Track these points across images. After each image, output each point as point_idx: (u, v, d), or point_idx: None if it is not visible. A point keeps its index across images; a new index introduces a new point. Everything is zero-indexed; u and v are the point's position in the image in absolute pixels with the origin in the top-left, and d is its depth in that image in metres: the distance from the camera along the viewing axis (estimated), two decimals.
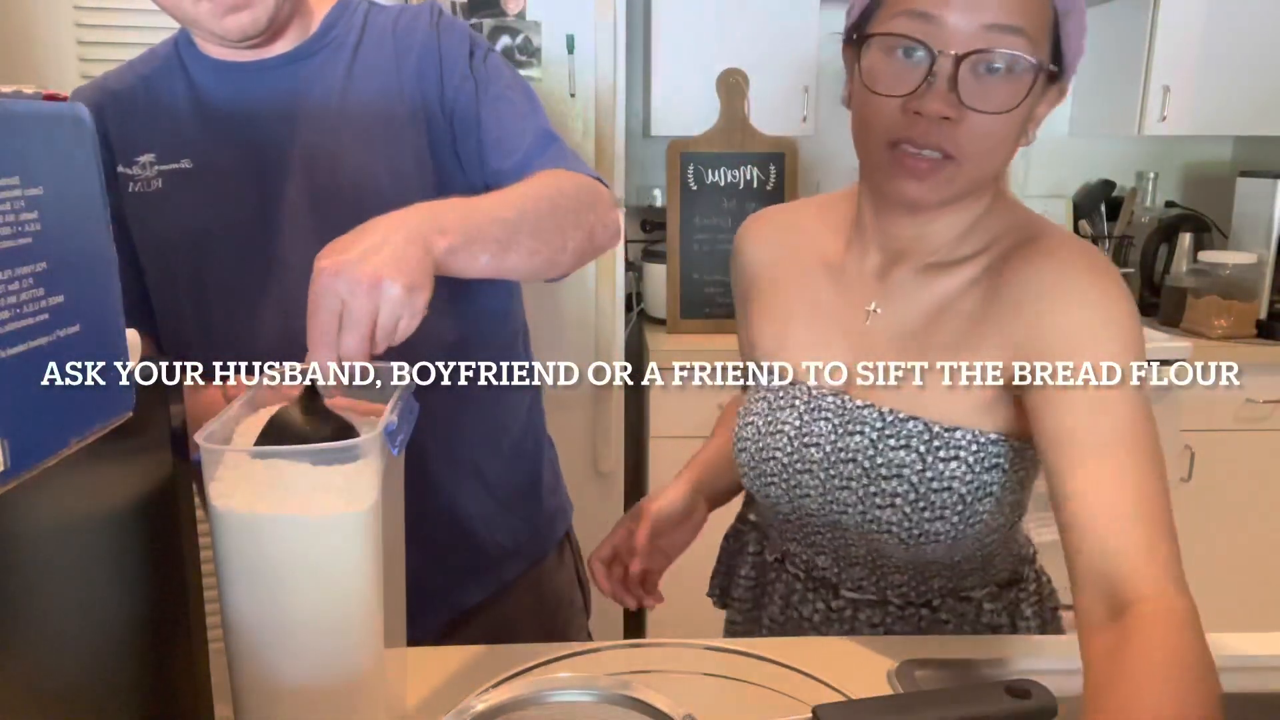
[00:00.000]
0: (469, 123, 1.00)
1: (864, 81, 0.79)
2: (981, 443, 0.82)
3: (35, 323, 0.42)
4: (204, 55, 1.00)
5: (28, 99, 0.43)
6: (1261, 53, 2.46)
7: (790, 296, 0.94)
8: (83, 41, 1.70)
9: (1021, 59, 0.74)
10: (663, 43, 2.44)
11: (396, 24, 1.03)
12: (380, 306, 0.65)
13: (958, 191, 0.80)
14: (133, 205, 0.98)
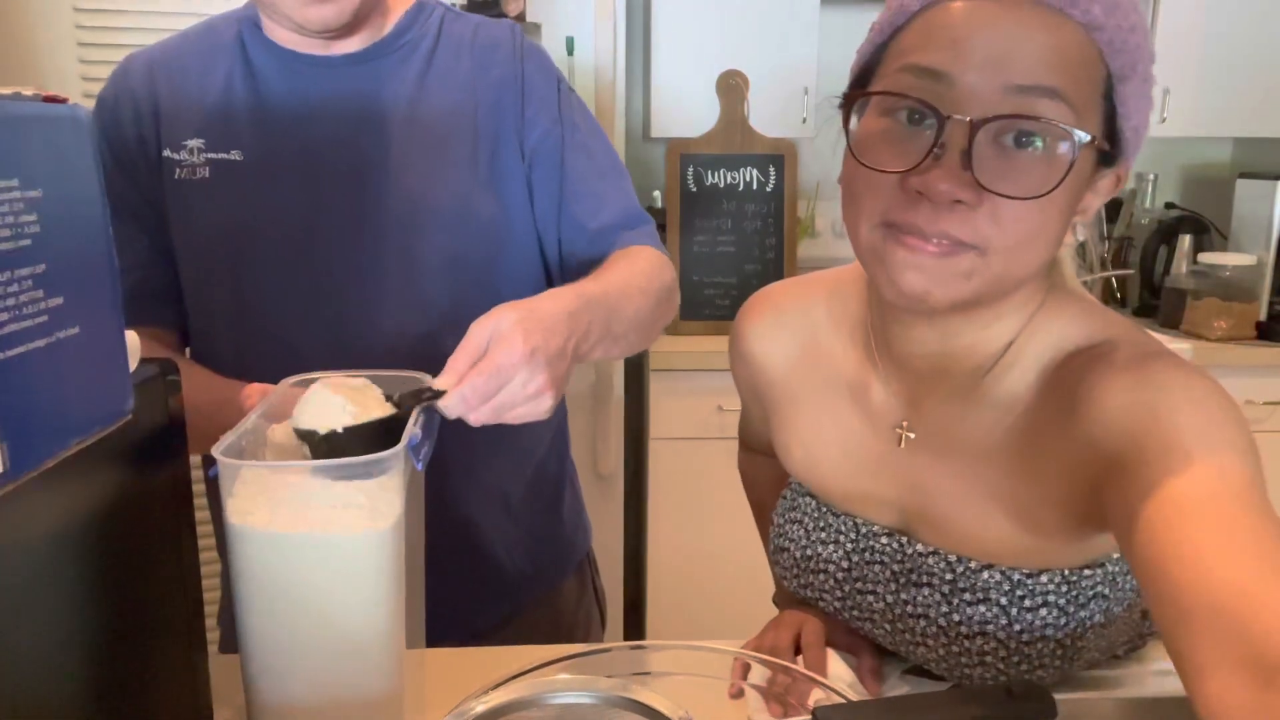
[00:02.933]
0: (552, 167, 0.98)
1: (854, 151, 0.64)
2: (1073, 581, 0.69)
3: (34, 325, 0.42)
4: (269, 41, 0.95)
5: (27, 100, 0.43)
6: (1261, 54, 2.46)
7: (816, 416, 0.81)
8: (83, 43, 1.70)
9: (1059, 129, 0.57)
10: (662, 44, 2.44)
11: (476, 38, 0.99)
12: (522, 408, 0.70)
13: (976, 293, 0.62)
14: (175, 192, 0.94)
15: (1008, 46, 0.57)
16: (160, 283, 0.97)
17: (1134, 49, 0.60)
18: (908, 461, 0.74)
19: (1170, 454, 0.57)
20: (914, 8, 0.62)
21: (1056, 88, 0.57)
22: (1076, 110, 0.58)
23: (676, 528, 2.33)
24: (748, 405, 0.97)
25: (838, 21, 2.60)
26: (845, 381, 0.79)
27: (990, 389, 0.70)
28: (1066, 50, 0.58)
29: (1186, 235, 2.46)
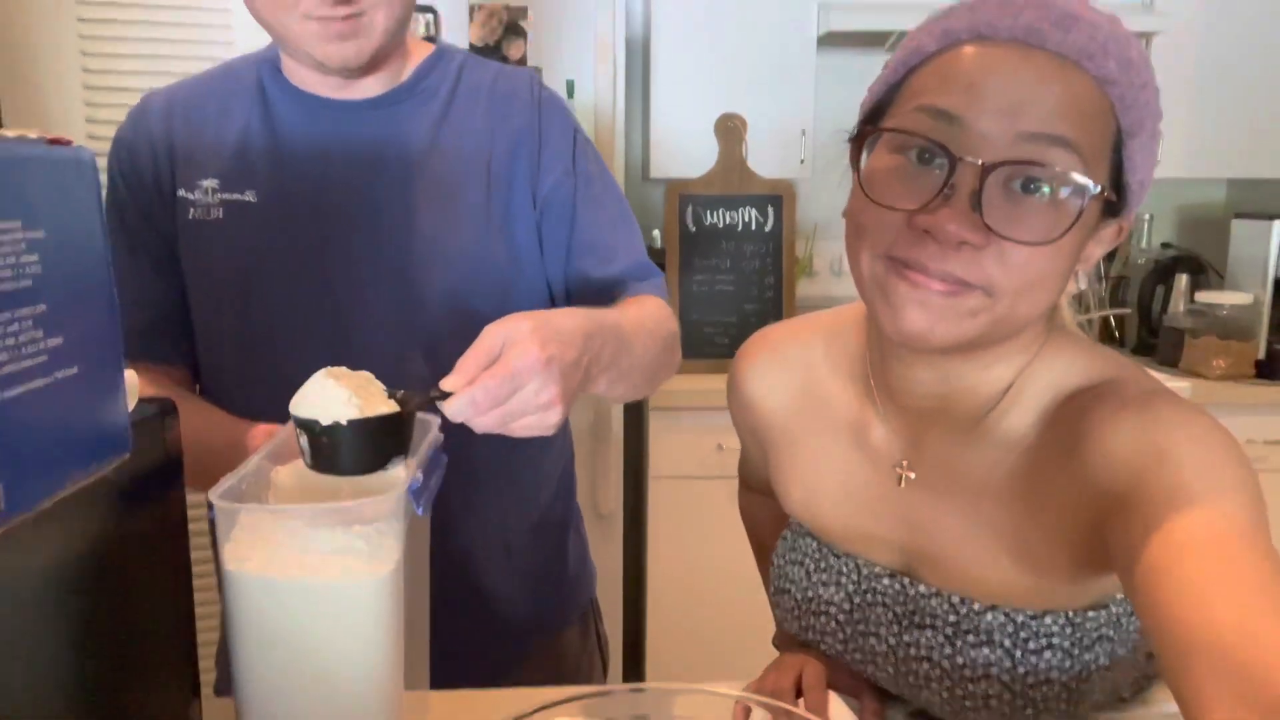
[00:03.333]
0: (563, 216, 0.98)
1: (863, 186, 0.63)
2: (1077, 623, 0.68)
3: (34, 364, 0.42)
4: (288, 83, 0.96)
5: (32, 144, 0.43)
6: (1252, 96, 2.49)
7: (816, 456, 0.81)
8: (89, 86, 1.72)
9: (1069, 178, 0.58)
10: (662, 87, 2.47)
11: (494, 86, 0.99)
12: (530, 418, 0.67)
13: (980, 332, 0.62)
14: (188, 232, 0.95)
15: (1022, 94, 0.58)
16: (172, 319, 0.97)
17: (1144, 106, 0.61)
18: (908, 501, 0.74)
19: (1173, 493, 0.57)
20: (929, 49, 0.63)
21: (1068, 138, 0.58)
22: (1086, 161, 0.59)
23: (676, 567, 2.31)
24: (747, 446, 0.96)
25: (834, 65, 2.64)
26: (844, 421, 0.79)
27: (991, 428, 0.69)
28: (1080, 102, 0.59)
29: (1183, 274, 2.48)
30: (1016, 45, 0.59)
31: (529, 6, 2.08)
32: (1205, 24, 2.47)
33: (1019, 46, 0.59)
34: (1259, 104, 2.50)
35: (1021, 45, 0.59)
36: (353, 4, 0.85)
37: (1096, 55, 0.59)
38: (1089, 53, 0.59)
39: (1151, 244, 2.71)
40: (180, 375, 0.99)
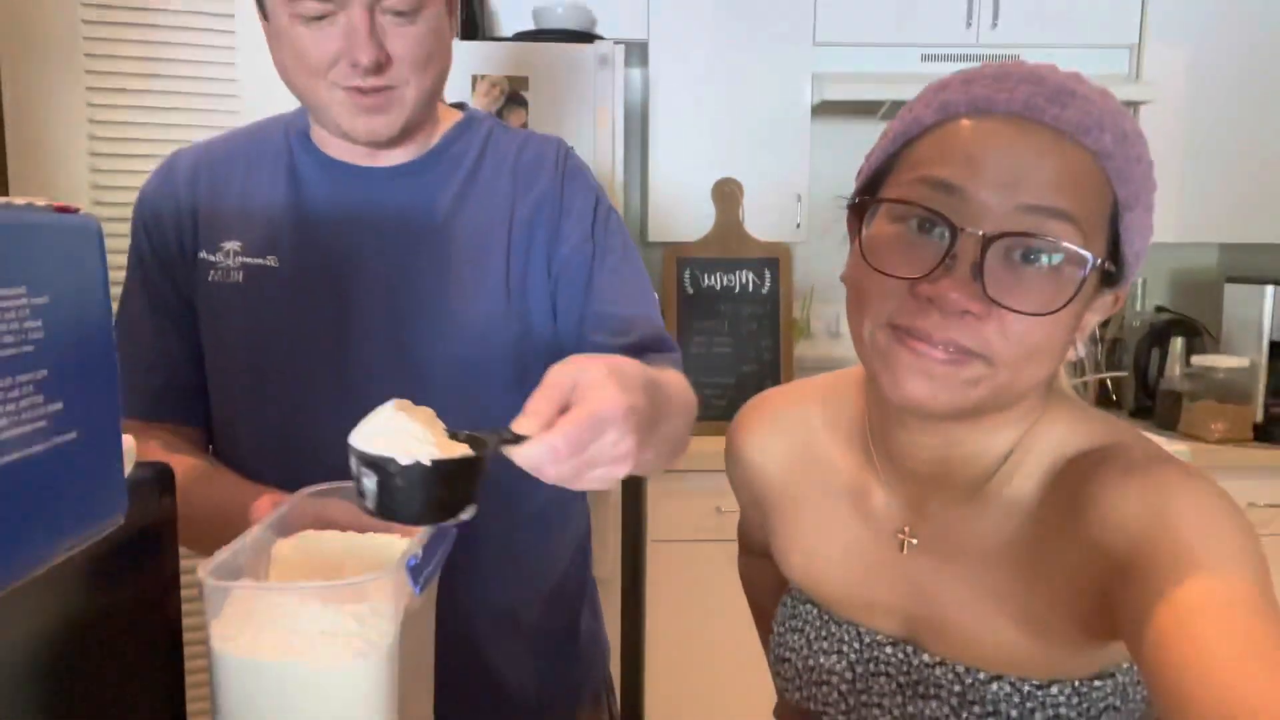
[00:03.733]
0: (578, 285, 0.95)
1: (864, 254, 0.63)
2: (1084, 693, 0.67)
3: (33, 430, 0.42)
4: (315, 149, 0.95)
5: (40, 211, 0.44)
6: (1241, 163, 2.54)
7: (816, 521, 0.80)
8: (95, 153, 1.74)
9: (1069, 249, 0.58)
10: (660, 152, 2.51)
11: (520, 154, 0.98)
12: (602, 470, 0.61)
13: (981, 400, 0.62)
14: (207, 294, 0.94)
15: (1021, 167, 0.59)
16: (189, 380, 0.96)
17: (1139, 179, 0.62)
18: (910, 567, 0.73)
19: (1179, 561, 0.57)
20: (927, 121, 0.64)
21: (1067, 210, 0.59)
22: (1085, 233, 0.59)
23: (676, 632, 2.28)
24: (745, 510, 0.95)
25: (828, 132, 2.69)
26: (844, 486, 0.78)
27: (993, 494, 0.69)
28: (1077, 175, 0.60)
29: (1178, 338, 2.49)
30: (1014, 119, 0.60)
31: (529, 76, 2.13)
32: (1191, 94, 2.53)
33: (1016, 120, 0.60)
34: (1247, 170, 2.54)
35: (1019, 119, 0.60)
36: (383, 75, 0.85)
37: (1092, 130, 0.60)
38: (1085, 127, 0.60)
39: (1146, 307, 2.73)
40: (194, 435, 0.98)
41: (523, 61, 2.14)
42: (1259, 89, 2.53)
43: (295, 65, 0.85)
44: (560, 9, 2.34)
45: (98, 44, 1.72)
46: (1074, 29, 2.52)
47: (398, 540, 0.66)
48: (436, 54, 0.89)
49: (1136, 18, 2.52)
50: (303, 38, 0.83)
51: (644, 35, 2.48)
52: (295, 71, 0.86)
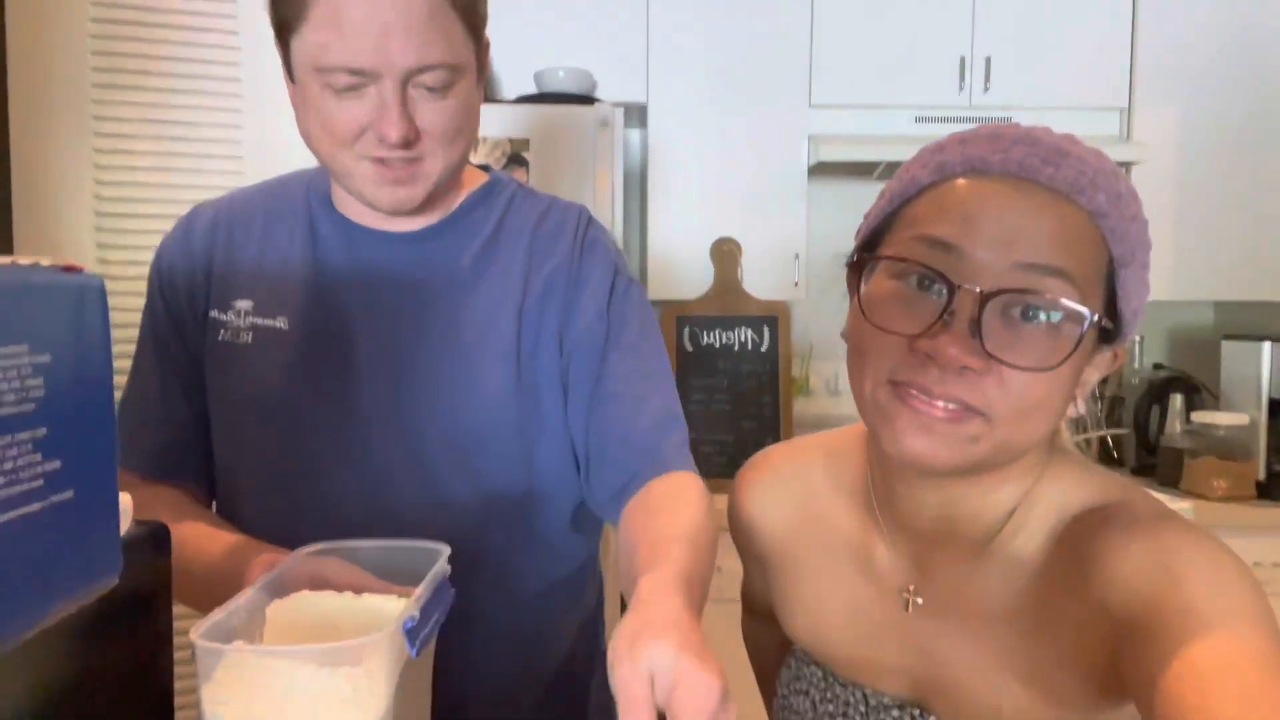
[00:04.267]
0: (591, 360, 0.93)
1: (863, 310, 0.64)
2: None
3: (30, 489, 0.41)
4: (335, 210, 0.94)
5: (44, 271, 0.44)
6: (1234, 220, 2.57)
7: (819, 581, 0.79)
8: (101, 213, 1.76)
9: (1066, 306, 0.59)
10: (659, 212, 2.55)
11: (541, 222, 0.97)
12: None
13: (982, 457, 0.62)
14: (215, 354, 0.93)
15: (1018, 225, 0.60)
16: (192, 438, 0.95)
17: (1134, 238, 0.63)
18: (916, 628, 0.72)
19: (1187, 619, 0.56)
20: (924, 181, 0.65)
21: (1063, 268, 0.59)
22: (1081, 290, 0.60)
23: None
24: (749, 569, 0.94)
25: (825, 192, 2.73)
26: (847, 544, 0.78)
27: (998, 552, 0.69)
28: (1073, 233, 0.60)
29: (1177, 394, 2.49)
30: (1009, 179, 0.61)
31: (531, 138, 2.17)
32: (1181, 154, 2.57)
33: (1011, 180, 0.61)
34: (1240, 229, 2.57)
35: (1014, 179, 0.61)
36: (411, 149, 0.83)
37: (1086, 189, 0.61)
38: (1079, 187, 0.61)
39: (1144, 364, 2.74)
40: (197, 493, 0.97)
41: (524, 123, 2.18)
42: (1248, 149, 2.57)
43: (322, 134, 0.84)
44: (561, 73, 2.39)
45: (106, 106, 1.75)
46: (1064, 91, 2.57)
47: (394, 601, 0.65)
48: (465, 127, 0.87)
49: (1126, 81, 2.57)
50: (332, 108, 0.82)
51: (643, 98, 2.53)
52: (321, 140, 0.85)
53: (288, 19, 0.81)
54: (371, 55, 0.78)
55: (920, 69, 2.54)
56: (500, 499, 0.92)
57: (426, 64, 0.80)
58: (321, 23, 0.78)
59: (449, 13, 0.81)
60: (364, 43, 0.78)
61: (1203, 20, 2.55)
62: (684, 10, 2.51)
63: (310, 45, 0.80)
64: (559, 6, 2.50)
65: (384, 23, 0.78)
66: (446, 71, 0.81)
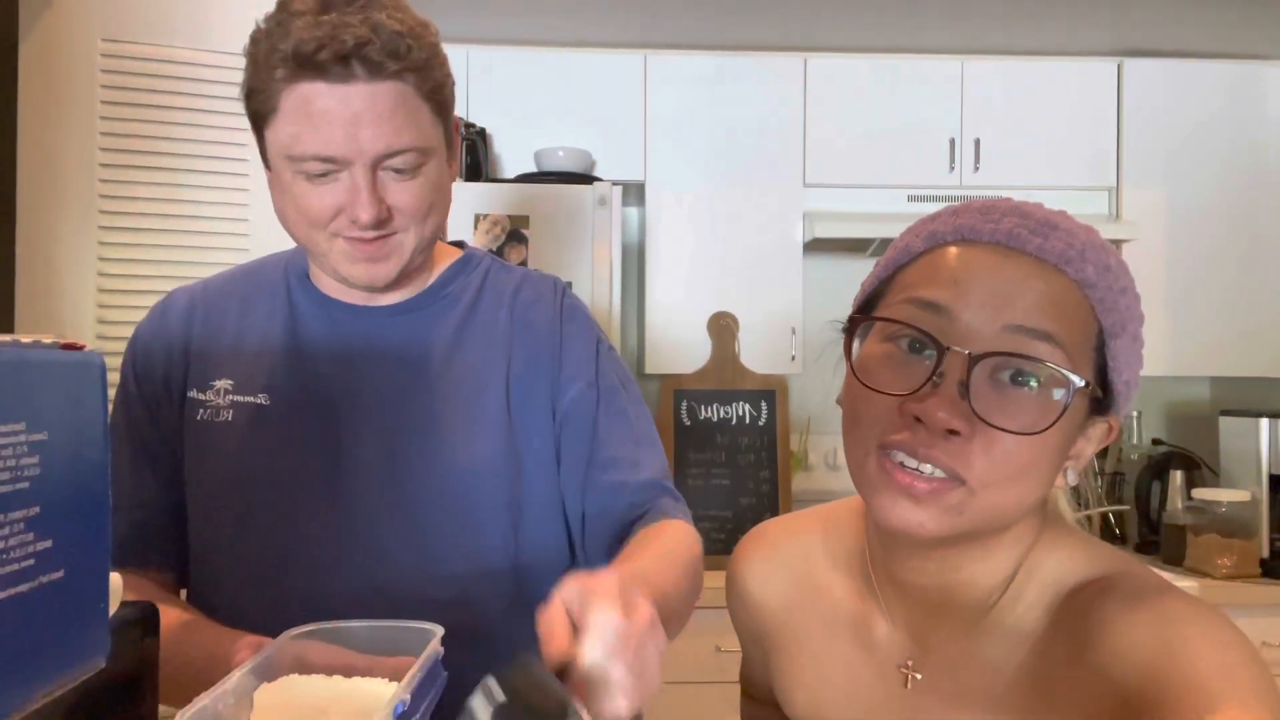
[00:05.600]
0: (584, 429, 0.94)
1: (856, 372, 0.65)
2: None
3: (20, 569, 0.41)
4: (313, 287, 0.96)
5: (45, 349, 0.44)
6: (1227, 297, 2.60)
7: (818, 657, 0.78)
8: (104, 289, 1.78)
9: (1055, 371, 0.60)
10: (656, 287, 2.57)
11: (518, 294, 0.98)
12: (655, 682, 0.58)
13: (969, 526, 0.63)
14: (194, 433, 0.92)
15: (1008, 290, 0.61)
16: (164, 522, 0.94)
17: (1124, 310, 0.64)
18: (916, 704, 0.71)
19: (1191, 693, 0.55)
20: (917, 249, 0.67)
21: (1052, 333, 0.60)
22: (1071, 356, 0.60)
23: None
24: (747, 648, 0.92)
25: (821, 268, 2.77)
26: (846, 617, 0.77)
27: (996, 624, 0.68)
28: (1062, 301, 0.61)
29: (1177, 471, 2.48)
30: (999, 248, 0.63)
31: (530, 215, 2.20)
32: (1170, 233, 2.61)
33: (1001, 249, 0.63)
34: (1233, 306, 2.60)
35: (1003, 248, 0.63)
36: (383, 228, 0.86)
37: (1075, 260, 0.62)
38: (1067, 258, 0.62)
39: (1143, 440, 2.74)
40: (165, 580, 0.95)
41: (524, 201, 2.22)
42: (1237, 227, 2.62)
43: (297, 217, 0.86)
44: (561, 152, 2.44)
45: (112, 184, 1.78)
46: (1053, 172, 2.62)
47: (385, 685, 0.63)
48: (437, 204, 0.90)
49: (1113, 161, 2.63)
50: (305, 193, 0.84)
51: (641, 176, 2.58)
52: (297, 222, 0.87)
53: (262, 111, 0.84)
54: (342, 144, 0.81)
55: (911, 150, 2.60)
56: (491, 567, 0.91)
57: (395, 149, 0.83)
58: (293, 114, 0.81)
59: (416, 99, 0.84)
60: (335, 132, 0.81)
61: (1187, 101, 2.62)
62: (681, 91, 2.58)
63: (283, 136, 0.83)
64: (559, 87, 2.57)
65: (353, 113, 0.81)
66: (415, 154, 0.85)
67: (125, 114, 1.79)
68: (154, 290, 1.05)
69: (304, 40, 0.79)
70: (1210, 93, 2.62)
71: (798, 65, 2.60)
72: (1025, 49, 2.67)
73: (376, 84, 0.81)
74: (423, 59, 0.84)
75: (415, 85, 0.84)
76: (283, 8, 0.82)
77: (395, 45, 0.81)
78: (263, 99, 0.83)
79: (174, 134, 1.79)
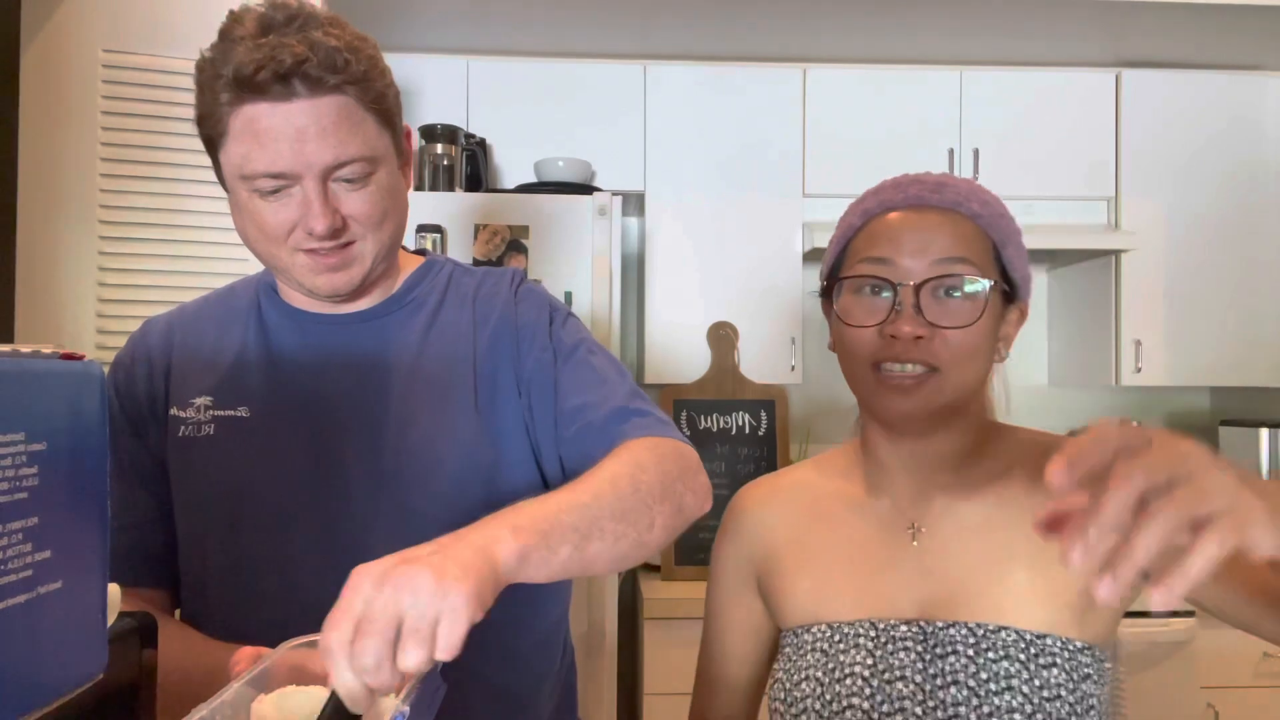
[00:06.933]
0: (546, 390, 0.96)
1: (840, 318, 0.88)
2: (1072, 650, 0.80)
3: (18, 579, 0.41)
4: (282, 301, 0.99)
5: (45, 359, 0.44)
6: (1225, 307, 2.60)
7: (824, 546, 0.92)
8: (103, 299, 1.78)
9: (970, 280, 0.83)
10: (656, 298, 2.57)
11: (479, 290, 1.01)
12: (441, 615, 0.56)
13: (946, 401, 0.84)
14: (178, 449, 0.94)
15: (927, 236, 0.85)
16: (155, 542, 0.95)
17: (1005, 228, 0.88)
18: (922, 552, 0.87)
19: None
20: (857, 224, 0.91)
21: (964, 256, 0.84)
22: (980, 268, 0.84)
23: None
24: (731, 597, 0.99)
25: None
26: (850, 504, 0.93)
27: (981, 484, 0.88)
28: (963, 233, 0.85)
29: None
30: (912, 209, 0.87)
31: (530, 225, 2.20)
32: (1169, 243, 2.62)
33: (914, 209, 0.87)
34: (1231, 316, 2.60)
35: (916, 208, 0.87)
36: (340, 237, 0.88)
37: (963, 203, 0.86)
38: (958, 203, 0.86)
39: None
40: (159, 600, 0.96)
41: (524, 211, 2.22)
42: (1235, 238, 2.62)
43: (257, 234, 0.89)
44: (560, 163, 2.45)
45: (112, 195, 1.78)
46: (1052, 182, 2.63)
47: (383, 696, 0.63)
48: (391, 210, 0.92)
49: (1112, 172, 2.64)
50: (261, 210, 0.87)
51: (640, 187, 2.59)
52: (257, 239, 0.90)
53: (213, 136, 0.87)
54: (290, 159, 0.84)
55: (911, 160, 2.58)
56: None
57: (343, 159, 0.86)
58: (241, 135, 0.85)
59: (359, 110, 0.87)
60: (281, 149, 0.84)
61: (1185, 112, 2.63)
62: (681, 102, 2.59)
63: (235, 157, 0.86)
64: (559, 98, 2.58)
65: (297, 128, 0.84)
66: (363, 164, 0.87)
67: (126, 124, 1.79)
68: (153, 300, 1.07)
69: (244, 63, 0.82)
70: (1209, 103, 2.63)
71: (797, 76, 2.61)
72: (1024, 59, 2.68)
73: (318, 99, 0.84)
74: (361, 71, 0.86)
75: (357, 97, 0.86)
76: (225, 34, 0.86)
77: (333, 60, 0.84)
78: (212, 123, 0.86)
79: (174, 144, 1.79)
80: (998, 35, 2.54)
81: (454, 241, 2.19)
